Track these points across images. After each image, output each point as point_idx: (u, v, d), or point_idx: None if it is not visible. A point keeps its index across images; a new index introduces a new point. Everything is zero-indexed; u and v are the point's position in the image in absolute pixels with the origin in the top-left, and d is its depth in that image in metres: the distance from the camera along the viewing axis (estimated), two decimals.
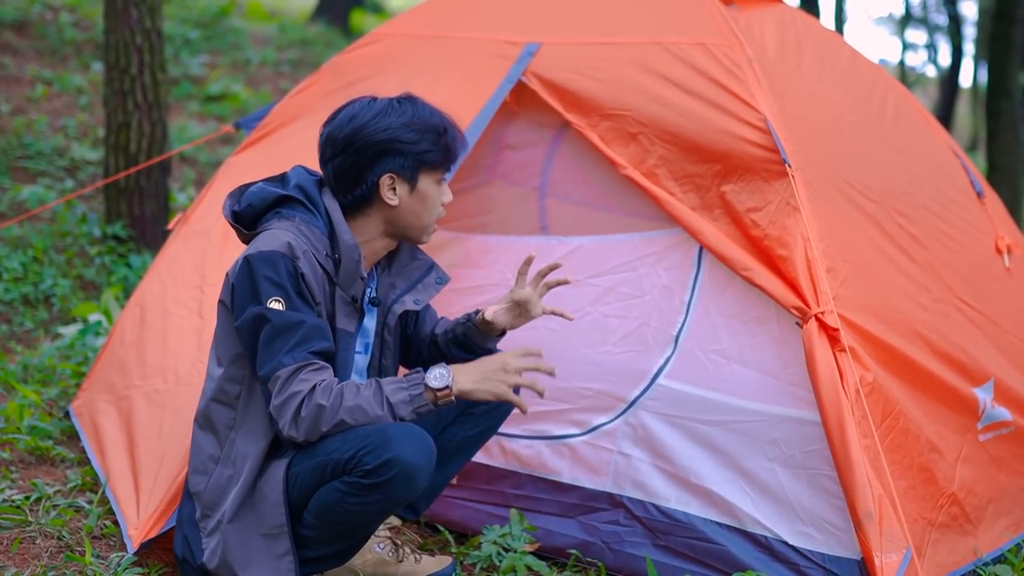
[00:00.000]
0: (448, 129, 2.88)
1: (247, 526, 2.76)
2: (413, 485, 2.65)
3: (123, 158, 5.83)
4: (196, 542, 2.82)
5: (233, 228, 2.90)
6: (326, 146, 2.87)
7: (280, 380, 2.64)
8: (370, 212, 2.88)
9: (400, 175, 2.84)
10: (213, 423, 2.83)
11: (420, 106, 2.87)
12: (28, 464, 3.72)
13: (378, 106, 2.85)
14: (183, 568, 2.87)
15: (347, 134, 2.82)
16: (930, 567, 3.07)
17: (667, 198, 3.30)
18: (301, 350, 2.66)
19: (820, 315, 3.01)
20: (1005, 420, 3.58)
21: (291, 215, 2.82)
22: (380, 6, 17.36)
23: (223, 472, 2.80)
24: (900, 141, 3.99)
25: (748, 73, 3.37)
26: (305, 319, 2.68)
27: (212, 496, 2.81)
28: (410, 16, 4.25)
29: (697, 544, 3.18)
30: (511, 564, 3.20)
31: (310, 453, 2.71)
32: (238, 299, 2.73)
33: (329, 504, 2.70)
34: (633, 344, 3.35)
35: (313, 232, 2.80)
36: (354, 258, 2.82)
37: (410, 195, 2.86)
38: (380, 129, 2.81)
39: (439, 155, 2.87)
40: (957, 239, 3.83)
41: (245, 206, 2.87)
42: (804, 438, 3.09)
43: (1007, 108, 9.80)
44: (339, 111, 2.90)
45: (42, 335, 5.18)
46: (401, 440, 2.62)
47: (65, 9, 9.60)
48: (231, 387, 2.81)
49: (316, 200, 2.86)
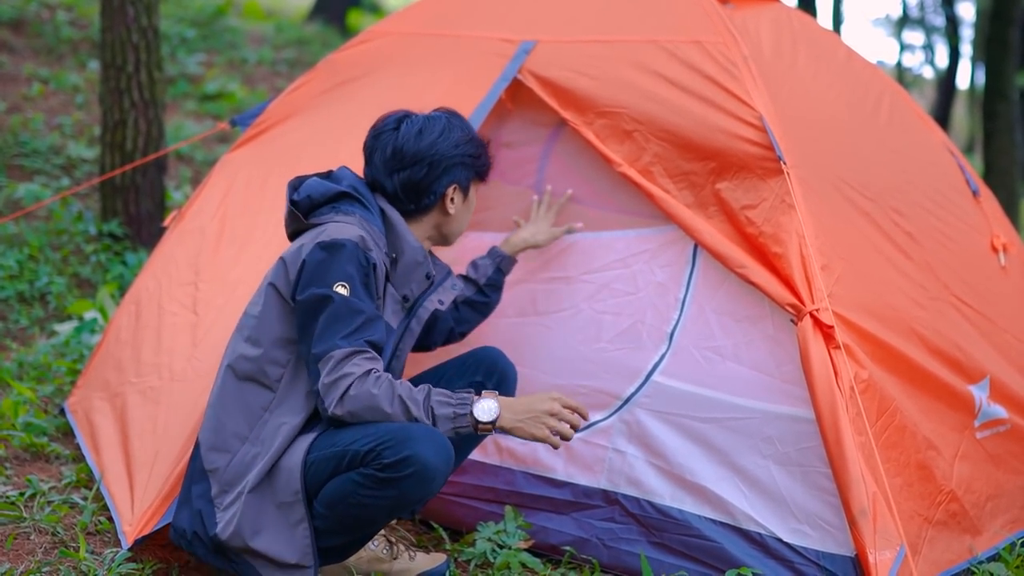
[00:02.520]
0: (489, 144, 3.17)
1: (263, 498, 2.79)
2: (428, 486, 2.70)
3: (119, 156, 5.82)
4: (210, 516, 2.83)
5: (290, 215, 2.98)
6: (394, 159, 3.01)
7: (333, 360, 2.71)
8: (425, 219, 3.07)
9: (461, 186, 3.07)
10: (244, 403, 2.87)
11: (466, 121, 3.13)
12: (23, 461, 3.72)
13: (441, 122, 3.05)
14: (193, 543, 2.88)
15: (421, 148, 3.00)
16: (925, 565, 3.08)
17: (662, 195, 3.30)
18: (358, 337, 2.74)
19: (815, 312, 3.01)
20: (1001, 418, 3.58)
21: (350, 211, 2.94)
22: (378, 5, 17.33)
23: (249, 451, 2.83)
24: (895, 139, 3.99)
25: (743, 71, 3.37)
26: (366, 309, 2.78)
27: (234, 473, 2.83)
28: (405, 14, 4.25)
29: (692, 541, 3.18)
30: (505, 561, 3.20)
31: (329, 442, 2.76)
32: (303, 280, 2.80)
33: (341, 494, 2.73)
34: (627, 341, 3.35)
35: (373, 230, 2.93)
36: (418, 259, 3.01)
37: (463, 203, 3.11)
38: (452, 144, 3.02)
39: (488, 167, 3.16)
40: (953, 237, 3.83)
41: (303, 197, 2.97)
42: (799, 435, 3.09)
43: (1004, 109, 9.82)
44: (396, 125, 3.04)
45: (37, 332, 5.17)
46: (422, 440, 2.67)
47: (62, 7, 9.59)
48: (273, 369, 2.86)
49: (370, 200, 3.00)
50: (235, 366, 2.89)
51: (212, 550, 2.84)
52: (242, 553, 2.80)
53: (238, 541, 2.78)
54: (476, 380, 3.15)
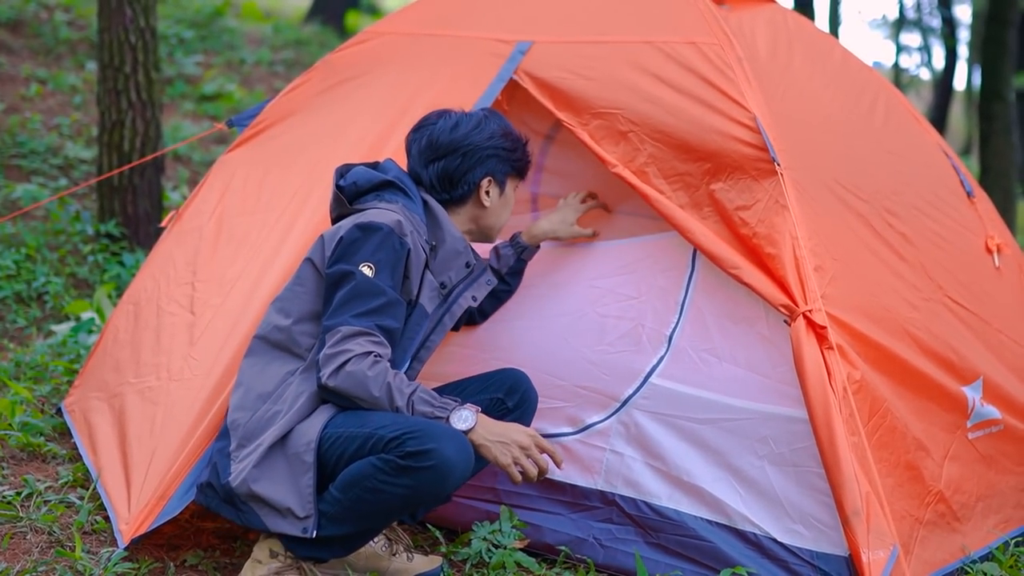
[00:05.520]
0: (527, 142, 3.25)
1: (275, 450, 2.86)
2: (443, 483, 2.75)
3: (117, 156, 5.84)
4: (224, 467, 2.90)
5: (336, 200, 3.10)
6: (429, 149, 3.14)
7: (340, 334, 2.80)
8: (461, 211, 3.18)
9: (496, 179, 3.18)
10: (273, 368, 2.95)
11: (505, 120, 3.23)
12: (20, 460, 3.72)
13: (477, 116, 3.18)
14: (206, 494, 2.95)
15: (455, 139, 3.13)
16: (917, 564, 3.09)
17: (657, 196, 3.31)
18: (370, 319, 2.83)
19: (808, 313, 3.02)
20: (994, 418, 3.59)
21: (394, 199, 3.05)
22: (376, 6, 17.34)
23: (270, 408, 2.91)
24: (890, 141, 4.00)
25: (738, 72, 3.38)
26: (387, 293, 2.86)
27: (252, 428, 2.90)
28: (403, 14, 4.26)
29: (688, 542, 3.19)
30: (500, 560, 3.21)
31: (357, 421, 2.82)
32: (335, 255, 2.91)
33: (358, 477, 2.77)
34: (628, 344, 3.36)
35: (414, 218, 3.04)
36: (458, 248, 3.13)
37: (499, 198, 3.21)
38: (486, 136, 3.14)
39: (525, 164, 3.25)
40: (947, 238, 3.84)
41: (350, 183, 3.10)
42: (793, 436, 3.10)
43: (1000, 111, 9.82)
44: (436, 119, 3.17)
45: (35, 333, 5.18)
46: (446, 437, 2.74)
47: (60, 8, 9.59)
48: (305, 340, 2.96)
49: (414, 190, 3.12)
50: (268, 336, 3.00)
51: (223, 499, 2.91)
52: (248, 500, 2.85)
53: (244, 488, 2.84)
54: (496, 397, 3.19)
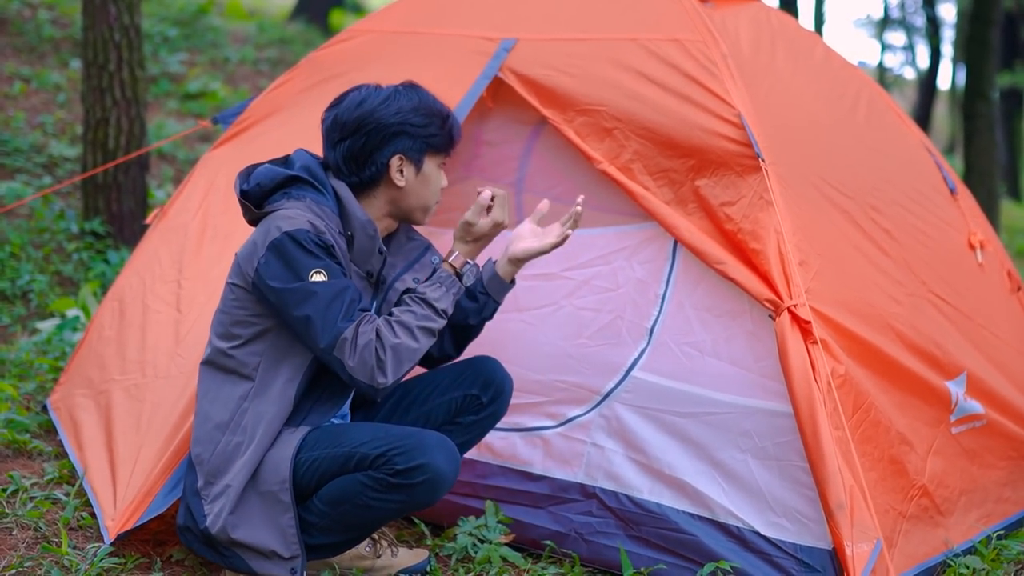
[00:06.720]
0: (450, 116, 3.03)
1: (249, 489, 2.81)
2: (437, 493, 2.76)
3: (101, 154, 5.82)
4: (198, 509, 2.85)
5: (242, 206, 2.95)
6: (334, 129, 2.97)
7: (348, 341, 2.73)
8: (376, 193, 2.98)
9: (408, 157, 2.96)
10: (224, 394, 2.87)
11: (424, 93, 3.01)
12: (5, 457, 3.72)
13: (386, 91, 2.97)
14: (185, 536, 2.91)
15: (358, 117, 2.93)
16: (900, 558, 3.10)
17: (642, 192, 3.32)
18: (353, 310, 2.76)
19: (792, 308, 3.03)
20: (977, 413, 3.61)
21: (301, 195, 2.90)
22: (360, 5, 17.33)
23: (230, 440, 2.84)
24: (873, 138, 4.02)
25: (722, 69, 3.39)
26: (348, 284, 2.79)
27: (217, 463, 2.84)
28: (387, 12, 4.26)
29: (670, 535, 3.20)
30: (486, 555, 3.22)
31: (331, 441, 2.79)
32: (271, 280, 2.77)
33: (347, 494, 2.76)
34: (607, 337, 3.37)
35: (324, 211, 2.88)
36: (368, 233, 2.93)
37: (416, 177, 2.98)
38: (391, 112, 2.93)
39: (444, 139, 3.01)
40: (930, 234, 3.86)
41: (254, 185, 2.94)
42: (776, 430, 3.11)
43: (984, 110, 9.85)
44: (344, 96, 2.99)
45: (19, 330, 5.17)
46: (434, 448, 2.74)
47: (43, 6, 9.56)
48: (250, 359, 2.87)
49: (323, 181, 2.95)
50: (214, 360, 2.91)
51: (203, 543, 2.87)
52: (231, 546, 2.82)
53: (224, 535, 2.80)
54: (471, 393, 3.08)
